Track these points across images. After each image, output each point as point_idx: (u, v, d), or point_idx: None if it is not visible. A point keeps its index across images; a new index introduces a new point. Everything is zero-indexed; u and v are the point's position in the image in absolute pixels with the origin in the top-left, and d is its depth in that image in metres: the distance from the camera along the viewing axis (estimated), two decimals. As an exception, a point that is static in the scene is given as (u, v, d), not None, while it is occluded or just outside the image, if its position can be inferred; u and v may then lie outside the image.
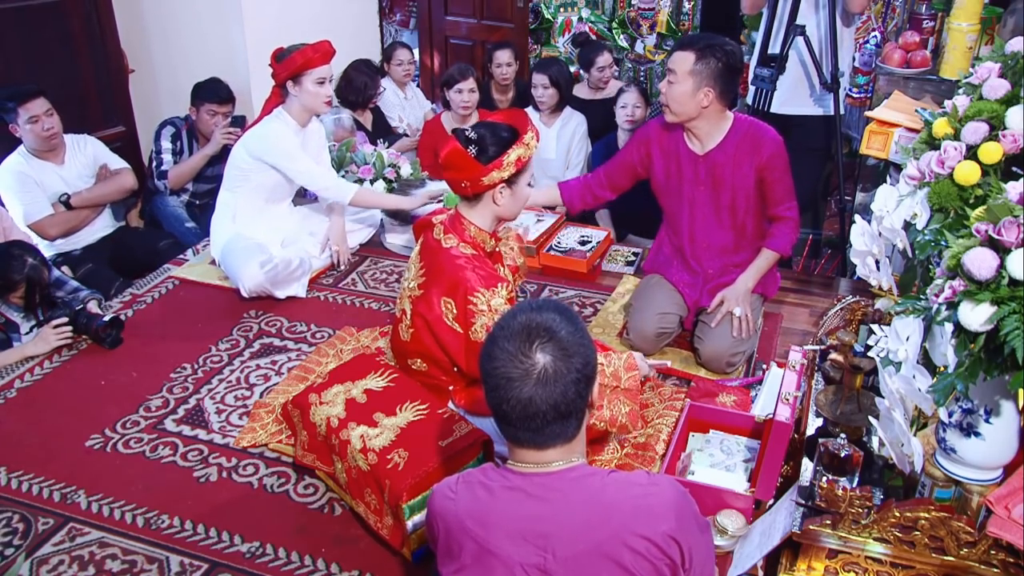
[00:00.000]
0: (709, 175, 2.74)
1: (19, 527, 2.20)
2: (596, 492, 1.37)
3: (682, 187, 2.80)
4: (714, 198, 2.77)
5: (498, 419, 1.40)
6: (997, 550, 1.57)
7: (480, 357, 1.41)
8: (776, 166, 2.70)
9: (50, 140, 3.43)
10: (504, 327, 1.39)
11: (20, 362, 2.86)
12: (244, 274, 3.17)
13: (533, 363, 1.34)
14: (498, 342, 1.37)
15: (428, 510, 1.51)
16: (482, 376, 1.40)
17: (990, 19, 3.10)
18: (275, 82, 3.19)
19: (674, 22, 5.23)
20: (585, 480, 1.39)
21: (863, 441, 1.95)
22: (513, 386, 1.34)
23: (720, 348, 2.73)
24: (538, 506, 1.37)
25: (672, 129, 2.77)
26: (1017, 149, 1.56)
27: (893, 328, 1.64)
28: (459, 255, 2.25)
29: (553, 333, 1.36)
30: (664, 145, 2.80)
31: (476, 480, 1.45)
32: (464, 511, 1.41)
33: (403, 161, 4.01)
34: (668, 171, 2.81)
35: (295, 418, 2.35)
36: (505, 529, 1.37)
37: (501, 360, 1.35)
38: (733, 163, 2.71)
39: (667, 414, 2.53)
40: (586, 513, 1.35)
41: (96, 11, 4.01)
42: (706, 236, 2.84)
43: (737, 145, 2.69)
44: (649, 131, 2.86)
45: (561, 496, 1.37)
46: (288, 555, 2.11)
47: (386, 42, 5.67)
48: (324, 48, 3.12)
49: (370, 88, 4.52)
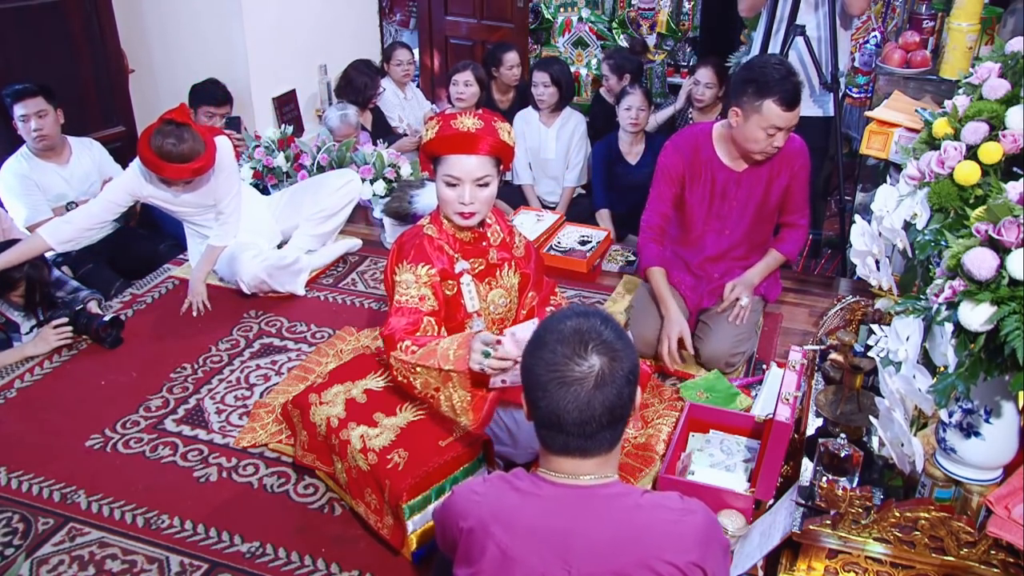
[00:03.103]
0: (745, 191, 2.73)
1: (19, 527, 2.19)
2: (628, 513, 1.35)
3: (712, 203, 2.77)
4: (743, 212, 2.76)
5: (547, 427, 1.35)
6: (997, 550, 1.57)
7: (528, 365, 1.36)
8: (802, 176, 2.72)
9: (38, 141, 3.42)
10: (554, 331, 1.35)
11: (20, 362, 2.86)
12: (241, 270, 3.17)
13: (591, 365, 1.31)
14: (550, 346, 1.33)
15: (447, 510, 1.47)
16: (532, 383, 1.35)
17: (990, 19, 3.10)
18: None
19: (674, 22, 5.23)
20: (618, 500, 1.37)
21: (863, 441, 1.95)
22: (571, 389, 1.31)
23: (721, 348, 2.73)
24: (568, 521, 1.34)
25: (699, 148, 2.72)
26: (1017, 149, 1.56)
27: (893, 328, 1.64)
28: (418, 228, 2.26)
29: (603, 336, 1.33)
30: (694, 166, 2.73)
31: (506, 483, 1.41)
32: (490, 513, 1.38)
33: (403, 161, 4.01)
34: (704, 190, 2.75)
35: (295, 418, 2.35)
36: (531, 539, 1.34)
37: (556, 363, 1.31)
38: (769, 177, 2.71)
39: (667, 414, 2.53)
40: (616, 534, 1.33)
41: (96, 11, 4.01)
42: (719, 246, 2.84)
43: (772, 160, 2.69)
44: (672, 159, 2.75)
45: (593, 514, 1.34)
46: (288, 555, 2.11)
47: (386, 42, 5.68)
48: (165, 166, 2.88)
49: (370, 88, 4.52)
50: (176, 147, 2.87)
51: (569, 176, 4.24)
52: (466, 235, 2.23)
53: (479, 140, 2.08)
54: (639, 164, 3.98)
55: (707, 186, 2.74)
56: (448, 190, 2.13)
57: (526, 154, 4.23)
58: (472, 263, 2.24)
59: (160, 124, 2.90)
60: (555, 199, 4.28)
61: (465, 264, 2.23)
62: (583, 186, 4.31)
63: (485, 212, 2.19)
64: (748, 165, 2.70)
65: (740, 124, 2.58)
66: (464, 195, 2.11)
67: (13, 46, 3.73)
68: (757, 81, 2.49)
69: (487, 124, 2.10)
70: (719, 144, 2.72)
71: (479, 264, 2.26)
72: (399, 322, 2.11)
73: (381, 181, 3.89)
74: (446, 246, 2.22)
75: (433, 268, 2.17)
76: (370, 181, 3.90)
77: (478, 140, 2.07)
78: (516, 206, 4.05)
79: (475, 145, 2.08)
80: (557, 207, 4.21)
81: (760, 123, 2.52)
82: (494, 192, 2.17)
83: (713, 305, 2.84)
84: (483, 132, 2.08)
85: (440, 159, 2.13)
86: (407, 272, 2.16)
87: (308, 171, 3.93)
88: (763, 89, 2.48)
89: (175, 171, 2.92)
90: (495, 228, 2.30)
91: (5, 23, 3.68)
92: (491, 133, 2.09)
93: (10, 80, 3.54)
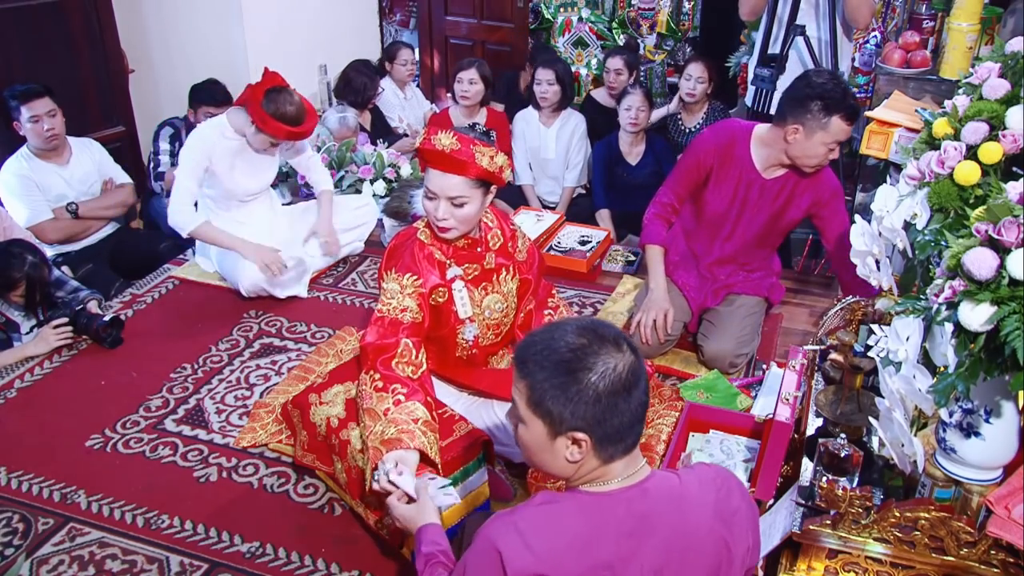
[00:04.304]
0: (767, 200, 2.72)
1: (19, 527, 2.20)
2: (682, 490, 1.36)
3: (733, 203, 2.75)
4: (756, 219, 2.75)
5: (610, 432, 1.29)
6: (997, 550, 1.57)
7: (582, 377, 1.27)
8: (837, 205, 2.70)
9: (50, 141, 3.43)
10: (594, 336, 1.30)
11: (20, 362, 2.86)
12: (241, 274, 3.17)
13: (634, 359, 1.30)
14: (597, 354, 1.28)
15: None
16: (593, 397, 1.27)
17: (990, 19, 3.10)
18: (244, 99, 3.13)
19: (674, 22, 5.22)
20: (667, 481, 1.37)
21: (863, 441, 1.95)
22: (631, 388, 1.28)
23: (725, 348, 2.73)
24: (644, 521, 1.30)
25: (736, 143, 2.70)
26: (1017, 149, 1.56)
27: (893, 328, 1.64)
28: (412, 232, 2.23)
29: (586, 338, 1.31)
30: (726, 160, 2.71)
31: (555, 525, 1.28)
32: (571, 566, 1.25)
33: (403, 161, 4.02)
34: (729, 187, 2.73)
35: (295, 418, 2.35)
36: (622, 556, 1.28)
37: (610, 366, 1.27)
38: (791, 195, 2.70)
39: (667, 414, 2.53)
40: (682, 513, 1.33)
41: (96, 11, 4.01)
42: (726, 250, 2.84)
43: (800, 180, 2.68)
44: (707, 144, 2.73)
45: (661, 503, 1.32)
46: (288, 555, 2.11)
47: (386, 42, 5.68)
48: (282, 128, 3.07)
49: (369, 89, 4.52)
50: (293, 111, 3.09)
51: (569, 176, 4.24)
52: (460, 240, 2.20)
53: (454, 161, 2.02)
54: (639, 164, 3.98)
55: (732, 183, 2.72)
56: (427, 201, 2.11)
57: (526, 154, 4.23)
58: (465, 268, 2.21)
59: (267, 91, 3.05)
60: (555, 199, 4.28)
61: (458, 270, 2.20)
62: (583, 186, 4.32)
63: (465, 228, 2.14)
64: (779, 175, 2.68)
65: (800, 140, 2.53)
66: (438, 210, 2.08)
67: (13, 46, 3.73)
68: (824, 98, 2.45)
69: (464, 147, 2.01)
70: (756, 147, 2.68)
71: (473, 269, 2.22)
72: (376, 337, 2.07)
73: (381, 181, 3.89)
74: (437, 252, 2.18)
75: (420, 279, 2.13)
76: (370, 181, 3.90)
77: (453, 161, 2.02)
78: (516, 206, 4.06)
79: (450, 165, 2.02)
80: (557, 207, 4.21)
81: (824, 139, 2.51)
82: (475, 210, 2.10)
83: (717, 305, 2.85)
84: (458, 154, 2.01)
85: (426, 168, 2.11)
86: (393, 281, 2.14)
87: (308, 171, 3.93)
88: (831, 106, 2.46)
89: (290, 133, 3.11)
90: (495, 232, 2.26)
91: (5, 23, 3.68)
92: (468, 156, 2.01)
93: (10, 80, 3.54)
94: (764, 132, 2.67)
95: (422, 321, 2.13)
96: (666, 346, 2.83)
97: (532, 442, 1.35)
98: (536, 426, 1.32)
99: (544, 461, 1.36)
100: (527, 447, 1.37)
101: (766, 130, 2.67)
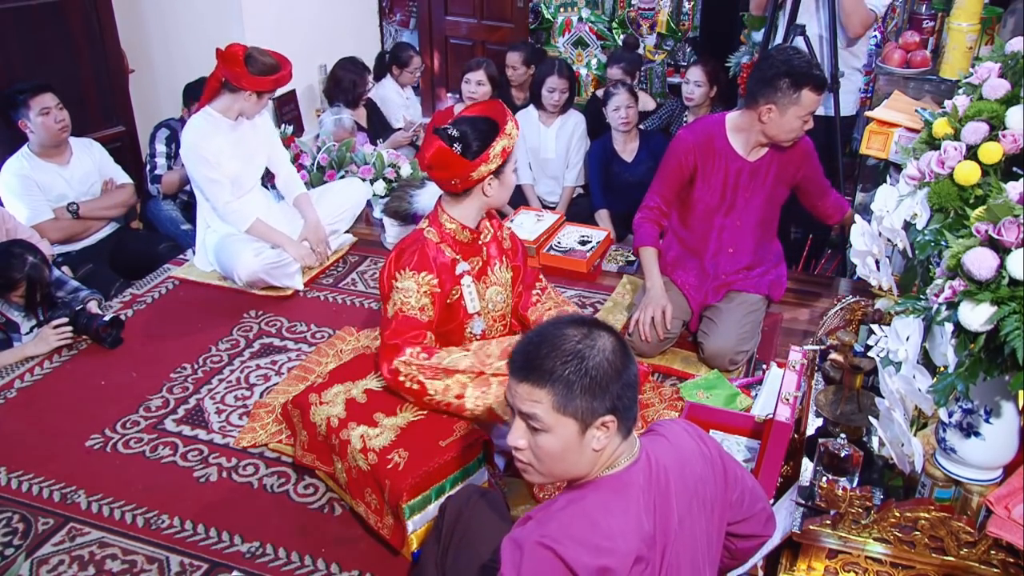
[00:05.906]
0: (758, 180, 2.76)
1: (19, 527, 2.20)
2: (672, 444, 1.47)
3: (725, 193, 2.78)
4: (753, 202, 2.79)
5: (628, 404, 1.34)
6: (997, 550, 1.57)
7: (600, 361, 1.32)
8: (812, 163, 2.81)
9: (61, 132, 3.45)
10: (582, 322, 1.37)
11: (20, 362, 2.86)
12: (238, 263, 3.19)
13: (609, 329, 1.38)
14: (595, 336, 1.34)
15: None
16: (612, 375, 1.32)
17: (990, 19, 3.09)
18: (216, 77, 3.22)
19: (674, 22, 5.22)
20: (657, 443, 1.47)
21: (863, 441, 1.95)
22: (628, 356, 1.36)
23: (726, 345, 2.73)
24: (661, 484, 1.38)
25: (713, 138, 2.74)
26: (1017, 149, 1.56)
27: (893, 328, 1.64)
28: (419, 233, 2.26)
29: (572, 332, 1.36)
30: (708, 157, 2.75)
31: (598, 516, 1.31)
32: (627, 548, 1.29)
33: (403, 161, 4.01)
34: (718, 180, 2.77)
35: (295, 418, 2.35)
36: (658, 523, 1.35)
37: (607, 342, 1.34)
38: (779, 169, 2.76)
39: (667, 414, 2.53)
40: (681, 464, 1.44)
41: (96, 11, 4.00)
42: (730, 241, 2.85)
43: (782, 153, 2.75)
44: (685, 147, 2.76)
45: (665, 463, 1.41)
46: (288, 555, 2.11)
47: (386, 42, 5.67)
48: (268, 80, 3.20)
49: (359, 85, 4.50)
50: (271, 60, 3.23)
51: (569, 176, 4.24)
52: (465, 235, 2.24)
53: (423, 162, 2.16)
54: (635, 161, 3.99)
55: (720, 175, 2.76)
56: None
57: (526, 154, 4.23)
58: (471, 263, 2.26)
59: (244, 58, 3.16)
60: (555, 199, 4.28)
61: (465, 265, 2.25)
62: (583, 186, 4.31)
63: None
64: (762, 155, 2.74)
65: (775, 119, 2.60)
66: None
67: (13, 46, 3.73)
68: (791, 74, 2.53)
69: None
70: (733, 135, 2.74)
71: (476, 263, 2.28)
72: (398, 334, 2.15)
73: (381, 181, 3.89)
74: (447, 249, 2.22)
75: (435, 278, 2.18)
76: (370, 181, 3.89)
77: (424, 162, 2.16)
78: (516, 206, 4.05)
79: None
80: (557, 207, 4.20)
81: (799, 112, 2.58)
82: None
83: (717, 302, 2.85)
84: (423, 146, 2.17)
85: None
86: (408, 279, 2.17)
87: (308, 171, 3.92)
88: (799, 80, 2.53)
89: (278, 79, 3.25)
90: (485, 224, 2.32)
91: (5, 23, 3.68)
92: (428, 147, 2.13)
93: (11, 80, 3.54)
94: (737, 118, 2.74)
95: (433, 319, 2.20)
96: (664, 344, 2.83)
97: (559, 447, 1.33)
98: (565, 428, 1.31)
99: (568, 465, 1.36)
100: (551, 456, 1.34)
101: (739, 116, 2.74)
